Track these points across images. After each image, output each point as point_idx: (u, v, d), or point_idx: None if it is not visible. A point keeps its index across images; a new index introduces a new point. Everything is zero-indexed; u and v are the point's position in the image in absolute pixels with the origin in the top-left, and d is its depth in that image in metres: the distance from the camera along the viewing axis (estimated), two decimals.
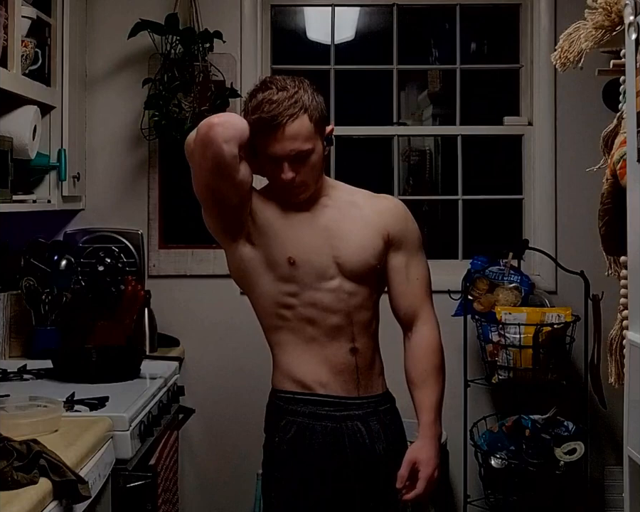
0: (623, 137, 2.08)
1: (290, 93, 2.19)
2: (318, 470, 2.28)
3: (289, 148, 2.19)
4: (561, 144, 3.78)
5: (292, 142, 2.18)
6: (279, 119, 2.17)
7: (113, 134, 3.73)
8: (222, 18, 3.69)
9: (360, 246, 2.30)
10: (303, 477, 2.28)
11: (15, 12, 2.73)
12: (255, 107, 2.19)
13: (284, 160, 2.20)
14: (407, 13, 3.95)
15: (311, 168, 2.23)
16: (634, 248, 1.92)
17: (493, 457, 3.50)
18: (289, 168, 2.21)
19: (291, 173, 2.21)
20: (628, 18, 1.89)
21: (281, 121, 2.17)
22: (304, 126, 2.19)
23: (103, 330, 3.40)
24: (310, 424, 2.28)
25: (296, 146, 2.19)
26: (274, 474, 2.34)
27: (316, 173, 2.27)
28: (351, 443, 2.30)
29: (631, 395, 1.92)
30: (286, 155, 2.19)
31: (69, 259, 3.42)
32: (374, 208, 2.36)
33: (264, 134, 2.19)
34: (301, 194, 2.28)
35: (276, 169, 2.23)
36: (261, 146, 2.21)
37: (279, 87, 2.20)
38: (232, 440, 3.74)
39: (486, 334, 3.53)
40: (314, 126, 2.21)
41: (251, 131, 2.18)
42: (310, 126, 2.20)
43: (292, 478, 2.29)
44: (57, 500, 1.86)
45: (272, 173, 2.25)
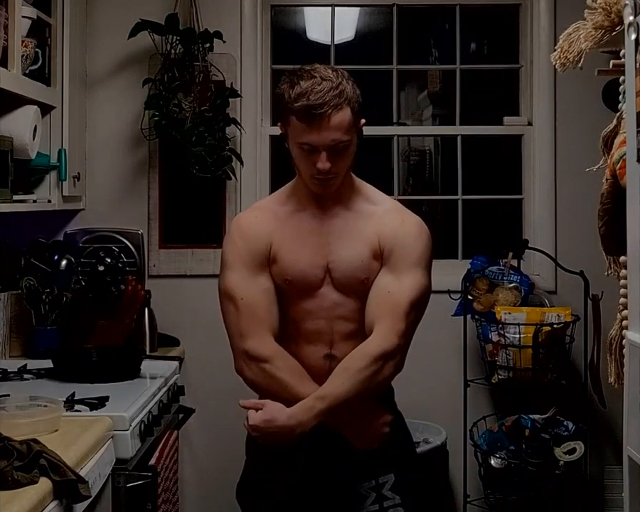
0: (622, 137, 2.08)
1: (335, 83, 2.18)
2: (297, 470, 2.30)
3: (331, 138, 2.17)
4: (561, 144, 3.78)
5: (334, 132, 2.17)
6: (325, 108, 2.15)
7: (113, 134, 3.73)
8: (222, 18, 3.69)
9: (350, 258, 2.28)
10: (288, 480, 2.31)
11: (15, 12, 2.73)
12: (299, 95, 2.17)
13: (323, 150, 2.19)
14: (407, 13, 3.95)
15: (345, 160, 2.23)
16: (634, 248, 1.92)
17: (492, 457, 3.50)
18: (327, 158, 2.19)
19: (328, 164, 2.19)
20: (628, 18, 1.89)
21: (326, 111, 2.15)
22: (346, 117, 2.18)
23: (103, 330, 3.40)
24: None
25: (338, 136, 2.18)
26: (261, 478, 2.36)
27: (349, 165, 2.27)
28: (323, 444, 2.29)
29: (630, 395, 1.92)
30: (326, 145, 2.18)
31: (69, 259, 3.42)
32: (378, 221, 2.32)
33: (305, 122, 2.17)
34: (331, 186, 2.25)
35: (311, 158, 2.21)
36: (297, 135, 2.20)
37: (322, 77, 2.19)
38: (232, 440, 3.73)
39: (486, 334, 3.53)
40: (354, 118, 2.21)
41: (288, 118, 2.19)
42: (351, 117, 2.20)
43: (278, 481, 2.32)
44: (57, 500, 1.86)
45: (306, 162, 2.22)
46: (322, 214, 2.31)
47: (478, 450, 3.54)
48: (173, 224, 3.75)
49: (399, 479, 2.31)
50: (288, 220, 2.32)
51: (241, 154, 3.68)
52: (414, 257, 2.28)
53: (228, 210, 3.73)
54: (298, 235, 2.30)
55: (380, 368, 2.19)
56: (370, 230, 2.30)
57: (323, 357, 2.29)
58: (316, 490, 2.32)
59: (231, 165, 3.60)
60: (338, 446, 2.28)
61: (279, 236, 2.30)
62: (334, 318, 2.29)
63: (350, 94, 2.20)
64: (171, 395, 3.01)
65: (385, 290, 2.25)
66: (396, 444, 2.36)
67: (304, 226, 2.31)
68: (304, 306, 2.29)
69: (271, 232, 2.30)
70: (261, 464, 2.37)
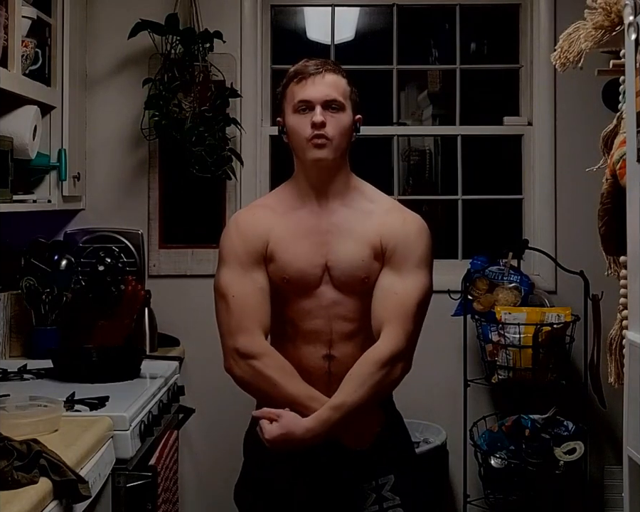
0: (622, 137, 2.08)
1: (331, 62, 2.37)
2: (297, 471, 2.30)
3: (325, 92, 2.25)
4: (561, 144, 3.78)
5: (329, 88, 2.26)
6: (320, 68, 2.28)
7: (113, 134, 3.73)
8: (222, 18, 3.69)
9: (350, 257, 2.28)
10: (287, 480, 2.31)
11: (15, 12, 2.73)
12: (297, 67, 2.32)
13: (317, 104, 2.24)
14: (407, 13, 3.95)
15: (339, 129, 2.26)
16: (634, 248, 1.92)
17: (492, 457, 3.50)
18: (321, 113, 2.24)
19: (322, 118, 2.23)
20: (628, 18, 1.89)
21: (321, 70, 2.28)
22: (341, 82, 2.29)
23: (103, 330, 3.40)
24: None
25: (332, 94, 2.26)
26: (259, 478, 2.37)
27: (343, 141, 2.29)
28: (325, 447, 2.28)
29: (630, 394, 1.92)
30: (320, 98, 2.24)
31: (69, 259, 3.42)
32: (379, 220, 2.32)
33: (301, 81, 2.27)
34: (324, 149, 2.26)
35: (306, 120, 2.25)
36: (293, 98, 2.27)
37: (320, 58, 2.36)
38: (232, 440, 3.72)
39: (486, 334, 3.53)
40: (350, 92, 2.30)
41: (286, 93, 2.30)
42: (347, 88, 2.30)
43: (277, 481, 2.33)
44: (57, 500, 1.86)
45: (301, 126, 2.26)
46: (321, 211, 2.31)
47: (478, 450, 3.54)
48: (173, 224, 3.75)
49: (398, 480, 2.31)
50: (286, 217, 2.32)
51: (241, 154, 3.68)
52: (417, 257, 2.28)
53: (228, 210, 3.73)
54: (296, 233, 2.30)
55: (391, 371, 2.20)
56: (371, 229, 2.30)
57: (322, 357, 2.29)
58: (315, 491, 2.31)
59: (231, 165, 3.60)
60: (338, 447, 2.28)
61: (277, 233, 2.30)
62: (333, 318, 2.28)
63: (346, 74, 2.32)
64: (171, 395, 3.01)
65: (392, 291, 2.24)
66: (395, 445, 2.36)
67: (303, 223, 2.31)
68: (302, 305, 2.29)
69: (268, 229, 2.30)
70: (259, 464, 2.37)
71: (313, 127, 2.23)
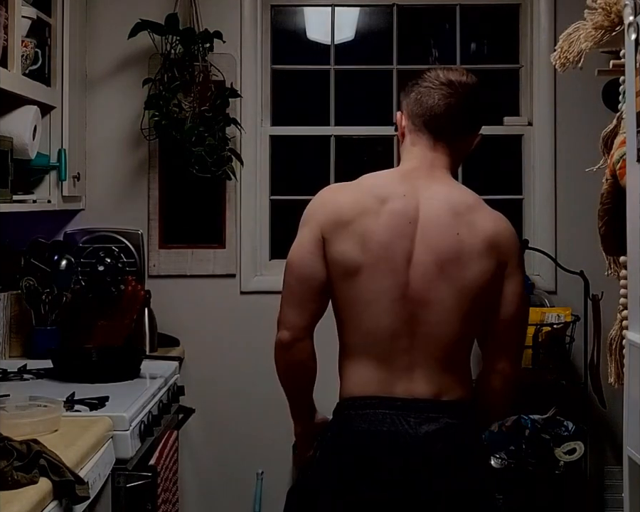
0: (622, 137, 2.08)
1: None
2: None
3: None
4: (561, 144, 3.78)
5: None
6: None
7: (113, 134, 3.73)
8: (222, 18, 3.69)
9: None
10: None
11: (15, 12, 2.73)
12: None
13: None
14: (407, 13, 3.94)
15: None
16: (634, 248, 1.92)
17: (492, 457, 3.50)
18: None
19: None
20: (628, 18, 1.89)
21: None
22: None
23: (103, 330, 3.40)
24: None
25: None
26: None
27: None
28: None
29: (631, 395, 1.92)
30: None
31: (69, 259, 3.42)
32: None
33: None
34: None
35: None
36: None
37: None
38: (232, 440, 3.74)
39: None
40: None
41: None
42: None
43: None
44: (57, 500, 1.86)
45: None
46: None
47: None
48: (173, 224, 3.75)
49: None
50: None
51: (241, 154, 3.68)
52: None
53: (228, 210, 3.73)
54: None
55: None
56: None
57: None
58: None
59: (231, 165, 3.60)
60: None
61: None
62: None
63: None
64: (171, 395, 3.01)
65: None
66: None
67: None
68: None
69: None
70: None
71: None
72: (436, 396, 2.04)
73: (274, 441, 3.61)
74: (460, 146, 2.17)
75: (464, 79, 2.13)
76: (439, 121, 2.11)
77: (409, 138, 2.16)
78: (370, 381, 2.05)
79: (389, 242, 2.01)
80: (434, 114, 2.11)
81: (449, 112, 2.11)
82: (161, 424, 2.76)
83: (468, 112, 2.14)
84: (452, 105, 2.10)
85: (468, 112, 2.13)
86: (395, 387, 2.03)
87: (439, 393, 2.04)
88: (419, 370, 2.03)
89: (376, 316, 2.02)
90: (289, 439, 2.53)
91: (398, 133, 2.20)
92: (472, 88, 2.14)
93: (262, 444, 3.70)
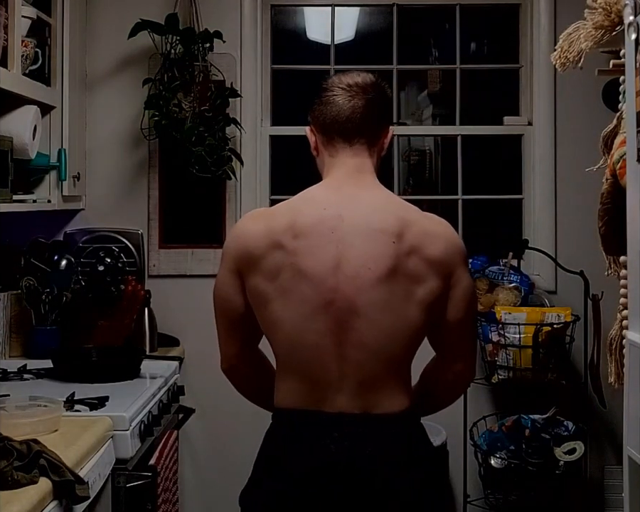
0: (622, 137, 2.08)
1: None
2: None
3: None
4: (561, 144, 3.78)
5: None
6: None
7: (113, 134, 3.73)
8: (222, 18, 3.69)
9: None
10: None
11: (15, 12, 2.73)
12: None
13: None
14: (407, 13, 3.94)
15: None
16: (634, 248, 1.92)
17: (492, 457, 3.50)
18: None
19: None
20: (628, 18, 1.89)
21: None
22: None
23: (103, 330, 3.40)
24: None
25: None
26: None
27: None
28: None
29: (630, 395, 1.92)
30: None
31: (69, 259, 3.43)
32: None
33: None
34: None
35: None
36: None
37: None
38: (232, 440, 3.74)
39: (486, 334, 3.53)
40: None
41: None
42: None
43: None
44: (57, 500, 1.86)
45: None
46: None
47: (478, 450, 3.54)
48: (173, 224, 3.75)
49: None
50: None
51: (241, 154, 3.68)
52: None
53: (228, 210, 3.73)
54: None
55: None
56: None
57: None
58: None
59: (231, 165, 3.60)
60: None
61: None
62: None
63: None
64: (171, 395, 3.01)
65: None
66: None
67: None
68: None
69: None
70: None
71: None
72: (364, 410, 1.97)
73: None
74: (375, 144, 2.10)
75: (360, 79, 2.07)
76: (350, 125, 2.05)
77: (326, 152, 2.10)
78: (297, 395, 2.02)
79: (306, 269, 1.94)
80: (343, 119, 2.04)
81: (357, 114, 2.04)
82: (161, 424, 2.76)
83: (374, 109, 2.06)
84: (357, 106, 2.04)
85: (374, 108, 2.06)
86: (322, 403, 1.98)
87: (367, 407, 1.97)
88: (347, 384, 1.96)
89: (297, 336, 1.97)
90: None
91: (312, 149, 2.15)
92: (372, 85, 2.07)
93: (261, 443, 3.69)
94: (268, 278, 1.98)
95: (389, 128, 2.13)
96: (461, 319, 2.05)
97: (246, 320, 2.06)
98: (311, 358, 1.97)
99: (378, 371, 1.98)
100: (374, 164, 2.10)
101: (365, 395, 1.97)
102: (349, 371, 1.96)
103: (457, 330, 2.07)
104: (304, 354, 1.98)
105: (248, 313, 2.05)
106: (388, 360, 1.98)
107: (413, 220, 2.02)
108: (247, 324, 2.07)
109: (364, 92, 2.05)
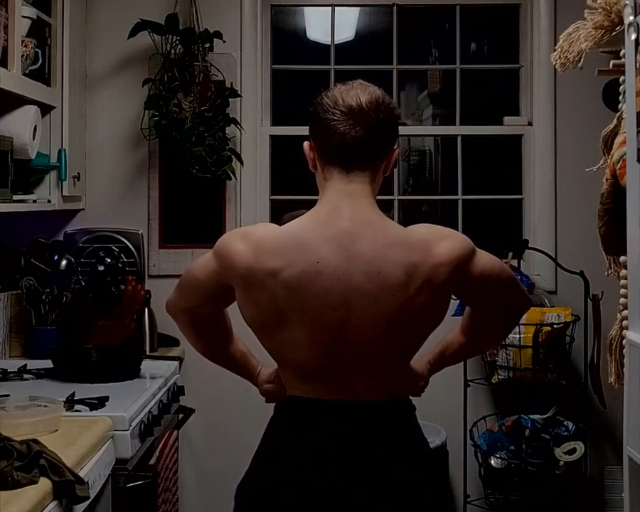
0: (622, 137, 2.08)
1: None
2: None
3: None
4: (561, 144, 3.78)
5: None
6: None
7: (113, 134, 3.73)
8: (222, 18, 3.69)
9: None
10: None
11: (15, 12, 2.73)
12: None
13: None
14: (407, 13, 3.95)
15: None
16: (634, 248, 1.92)
17: (492, 457, 3.50)
18: None
19: None
20: (628, 18, 1.90)
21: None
22: None
23: (103, 330, 3.40)
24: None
25: None
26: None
27: None
28: None
29: (631, 395, 1.92)
30: None
31: (69, 259, 3.43)
32: None
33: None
34: None
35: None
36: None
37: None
38: (232, 440, 3.74)
39: None
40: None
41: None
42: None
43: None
44: (57, 500, 1.86)
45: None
46: None
47: (478, 450, 3.54)
48: (173, 224, 3.75)
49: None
50: None
51: (241, 154, 3.68)
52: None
53: (228, 210, 3.73)
54: None
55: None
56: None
57: None
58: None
59: (231, 165, 3.60)
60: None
61: None
62: None
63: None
64: (171, 395, 3.01)
65: None
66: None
67: None
68: None
69: None
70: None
71: None
72: (363, 398, 1.95)
73: None
74: (378, 170, 1.96)
75: (364, 99, 1.89)
76: (350, 157, 1.91)
77: (322, 173, 1.98)
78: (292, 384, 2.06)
79: (295, 295, 1.88)
80: (344, 149, 1.90)
81: (358, 145, 1.89)
82: (161, 424, 2.76)
83: (379, 136, 1.91)
84: (360, 137, 1.88)
85: (379, 135, 1.91)
86: (320, 390, 1.97)
87: (363, 394, 1.95)
88: (347, 372, 1.94)
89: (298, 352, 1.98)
90: None
91: (310, 167, 2.04)
92: (377, 106, 1.90)
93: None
94: (258, 307, 1.99)
95: (394, 150, 1.98)
96: (497, 288, 2.05)
97: (210, 296, 2.09)
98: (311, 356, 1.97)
99: (382, 362, 1.96)
100: (374, 189, 1.96)
101: (364, 382, 1.95)
102: (350, 362, 1.93)
103: (500, 295, 2.06)
104: (304, 353, 1.98)
105: (217, 292, 2.06)
106: (394, 351, 1.98)
107: (417, 261, 1.89)
108: (210, 299, 2.10)
109: (368, 120, 1.88)
